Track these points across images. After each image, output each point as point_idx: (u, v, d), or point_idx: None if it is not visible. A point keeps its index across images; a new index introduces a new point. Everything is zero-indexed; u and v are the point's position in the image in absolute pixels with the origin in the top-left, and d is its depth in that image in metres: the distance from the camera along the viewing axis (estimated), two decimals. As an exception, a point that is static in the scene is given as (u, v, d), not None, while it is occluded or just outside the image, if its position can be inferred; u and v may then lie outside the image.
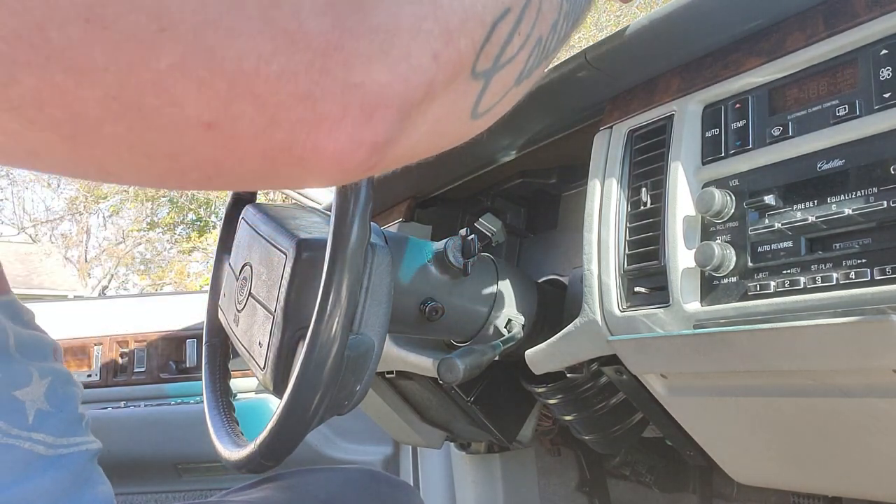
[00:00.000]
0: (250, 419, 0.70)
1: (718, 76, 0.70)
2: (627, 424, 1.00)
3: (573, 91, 0.84)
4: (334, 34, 0.25)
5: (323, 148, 0.27)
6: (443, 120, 0.32)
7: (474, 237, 0.80)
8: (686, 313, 0.67)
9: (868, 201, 0.56)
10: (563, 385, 0.95)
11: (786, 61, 0.65)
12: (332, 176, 0.29)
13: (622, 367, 0.76)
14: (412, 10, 0.27)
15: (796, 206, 0.61)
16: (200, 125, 0.24)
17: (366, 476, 0.87)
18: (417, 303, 0.78)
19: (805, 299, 0.58)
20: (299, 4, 0.24)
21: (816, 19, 0.62)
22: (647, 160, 0.75)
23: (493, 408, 1.13)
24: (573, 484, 1.52)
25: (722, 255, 0.64)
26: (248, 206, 0.76)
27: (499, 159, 1.07)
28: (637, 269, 0.73)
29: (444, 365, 0.76)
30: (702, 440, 0.76)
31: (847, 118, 0.58)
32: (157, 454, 1.81)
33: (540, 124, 0.95)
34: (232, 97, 0.24)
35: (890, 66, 0.56)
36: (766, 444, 0.69)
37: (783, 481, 0.73)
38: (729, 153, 0.68)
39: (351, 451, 1.88)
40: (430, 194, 1.22)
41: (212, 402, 0.76)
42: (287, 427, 0.56)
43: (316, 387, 0.55)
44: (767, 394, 0.64)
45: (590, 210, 0.79)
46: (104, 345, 1.90)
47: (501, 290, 0.88)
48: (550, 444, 1.44)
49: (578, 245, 0.80)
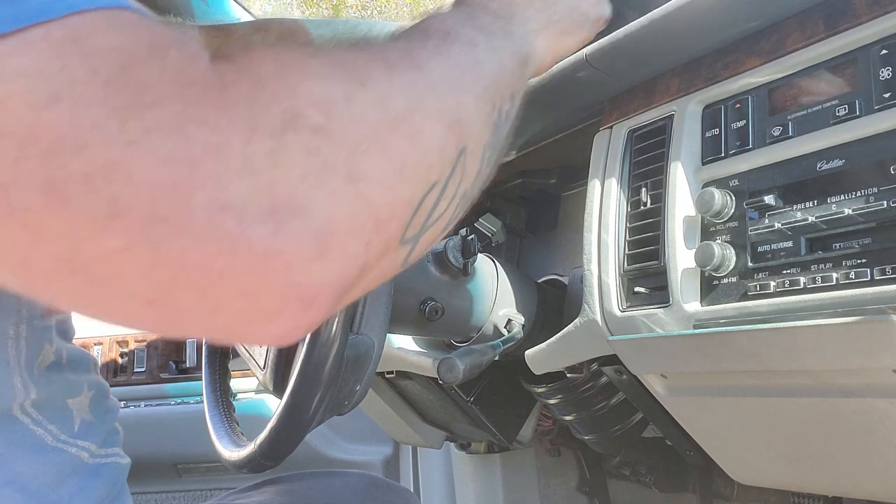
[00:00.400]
0: (250, 419, 0.70)
1: (718, 76, 0.70)
2: (627, 424, 1.00)
3: (573, 91, 0.84)
4: (276, 240, 0.26)
5: (262, 333, 0.29)
6: (375, 279, 0.35)
7: (474, 237, 0.80)
8: (686, 313, 0.67)
9: (868, 201, 0.56)
10: (562, 385, 0.95)
11: (786, 61, 0.65)
12: (271, 344, 0.31)
13: (622, 367, 0.76)
14: (348, 211, 0.29)
15: (796, 206, 0.61)
16: (144, 301, 0.26)
17: (365, 481, 0.87)
18: (417, 303, 0.78)
19: (805, 299, 0.58)
20: (244, 209, 0.26)
21: (816, 19, 0.62)
22: (647, 160, 0.75)
23: (493, 408, 1.13)
24: (573, 484, 1.52)
25: (722, 255, 0.64)
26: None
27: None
28: (637, 269, 0.73)
29: (444, 365, 0.76)
30: (702, 440, 0.76)
31: (847, 118, 0.58)
32: (157, 454, 1.81)
33: (540, 124, 0.95)
34: (174, 285, 0.26)
35: (890, 66, 0.56)
36: (766, 444, 0.69)
37: (783, 481, 0.73)
38: (729, 153, 0.68)
39: (351, 451, 1.87)
40: (430, 194, 1.21)
41: (212, 402, 0.76)
42: (287, 427, 0.56)
43: (316, 387, 0.55)
44: (767, 394, 0.64)
45: (590, 210, 0.79)
46: (104, 345, 1.90)
47: (501, 290, 0.88)
48: (550, 444, 1.44)
49: (578, 245, 0.79)
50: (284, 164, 0.27)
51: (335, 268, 0.29)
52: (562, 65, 0.82)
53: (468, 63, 0.41)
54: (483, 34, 0.45)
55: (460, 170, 0.37)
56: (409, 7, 8.91)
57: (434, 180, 0.34)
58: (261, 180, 0.26)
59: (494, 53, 0.45)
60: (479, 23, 0.47)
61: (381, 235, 0.31)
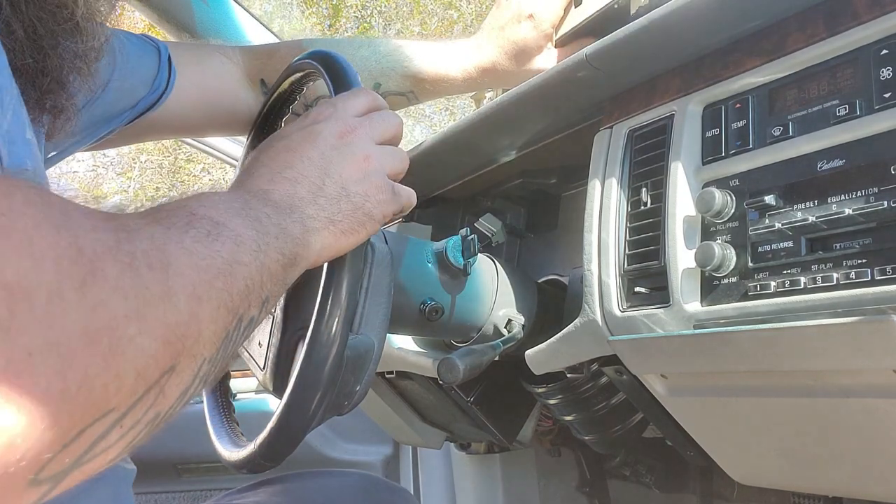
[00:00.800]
0: (250, 419, 0.70)
1: (718, 76, 0.70)
2: (627, 425, 1.00)
3: (573, 91, 0.84)
4: None
5: None
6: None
7: (474, 237, 0.79)
8: (686, 313, 0.67)
9: (868, 201, 0.56)
10: (563, 385, 0.95)
11: (786, 61, 0.65)
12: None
13: (622, 368, 0.76)
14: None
15: (797, 206, 0.61)
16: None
17: (364, 481, 0.87)
18: (417, 303, 0.78)
19: (805, 299, 0.58)
20: None
21: (816, 19, 0.62)
22: (647, 160, 0.75)
23: (493, 408, 1.13)
24: (573, 484, 1.52)
25: (722, 255, 0.64)
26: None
27: (499, 159, 1.06)
28: (637, 269, 0.73)
29: (444, 365, 0.76)
30: (702, 440, 0.76)
31: (847, 118, 0.58)
32: (157, 454, 1.81)
33: (540, 124, 0.95)
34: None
35: (890, 66, 0.56)
36: (767, 444, 0.69)
37: (783, 481, 0.73)
38: (729, 153, 0.68)
39: (351, 451, 1.87)
40: (430, 194, 1.22)
41: (212, 402, 0.76)
42: (286, 427, 0.56)
43: (315, 387, 0.55)
44: (768, 394, 0.64)
45: (590, 210, 0.79)
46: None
47: (501, 290, 0.87)
48: (550, 444, 1.43)
49: (578, 245, 0.79)
50: None
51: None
52: (562, 65, 0.82)
53: (224, 266, 0.38)
54: (253, 230, 0.43)
55: (155, 392, 0.33)
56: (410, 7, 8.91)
57: (111, 406, 0.30)
58: None
59: (259, 255, 0.42)
60: (253, 215, 0.44)
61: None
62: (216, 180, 8.73)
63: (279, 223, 0.46)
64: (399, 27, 8.84)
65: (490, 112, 0.92)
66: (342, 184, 0.53)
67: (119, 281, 0.31)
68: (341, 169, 0.53)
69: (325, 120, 0.56)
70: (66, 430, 0.28)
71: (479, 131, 0.97)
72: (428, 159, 1.07)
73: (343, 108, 0.57)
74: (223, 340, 0.38)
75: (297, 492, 0.82)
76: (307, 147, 0.53)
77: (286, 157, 0.52)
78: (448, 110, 8.28)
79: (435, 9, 8.94)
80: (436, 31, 8.84)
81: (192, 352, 0.35)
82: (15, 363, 0.26)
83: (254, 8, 5.23)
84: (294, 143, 0.53)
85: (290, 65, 0.72)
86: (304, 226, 0.49)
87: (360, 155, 0.55)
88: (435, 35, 8.77)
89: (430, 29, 8.83)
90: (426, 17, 8.88)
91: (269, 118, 0.82)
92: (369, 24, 8.74)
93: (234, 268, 0.39)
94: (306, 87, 0.75)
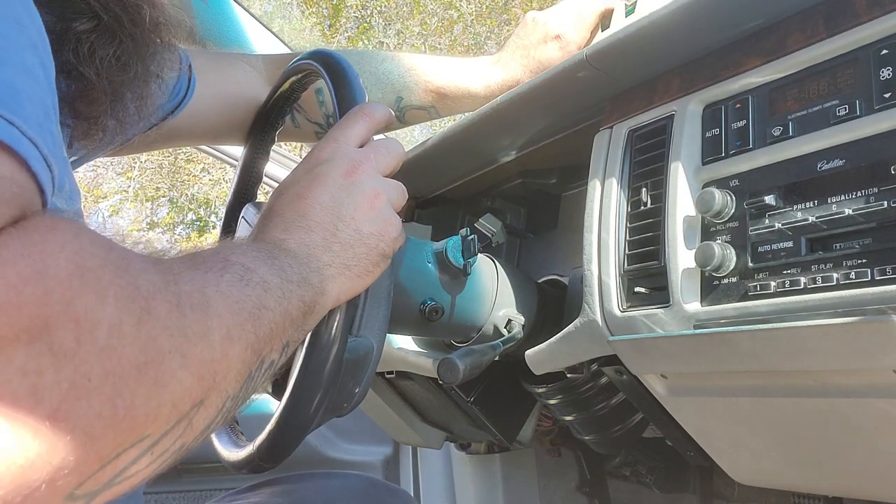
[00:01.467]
0: (250, 419, 0.70)
1: (718, 76, 0.70)
2: (628, 425, 1.00)
3: (573, 91, 0.84)
4: None
5: None
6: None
7: (474, 237, 0.79)
8: (686, 313, 0.67)
9: (868, 201, 0.56)
10: (563, 385, 0.94)
11: (786, 61, 0.65)
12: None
13: (622, 368, 0.76)
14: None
15: (797, 207, 0.61)
16: None
17: (364, 483, 0.87)
18: (417, 303, 0.78)
19: (805, 299, 0.58)
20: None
21: (816, 19, 0.62)
22: (647, 160, 0.75)
23: (493, 408, 1.13)
24: (573, 484, 1.52)
25: (722, 256, 0.64)
26: (249, 204, 0.76)
27: (499, 159, 1.06)
28: (637, 269, 0.73)
29: (444, 365, 0.76)
30: (702, 440, 0.76)
31: (847, 118, 0.58)
32: (156, 454, 1.80)
33: (540, 124, 0.95)
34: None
35: (890, 66, 0.56)
36: (767, 444, 0.69)
37: (783, 481, 0.73)
38: (729, 153, 0.68)
39: (351, 451, 1.87)
40: (430, 194, 1.22)
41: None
42: (286, 429, 0.56)
43: (314, 390, 0.55)
44: (768, 394, 0.64)
45: (590, 210, 0.79)
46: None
47: (501, 290, 0.87)
48: (550, 444, 1.43)
49: (578, 245, 0.79)
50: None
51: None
52: (562, 65, 0.82)
53: (254, 309, 0.41)
54: (278, 277, 0.45)
55: (185, 424, 0.35)
56: (410, 7, 8.91)
57: (147, 433, 0.33)
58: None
59: (283, 301, 0.44)
60: (277, 264, 0.46)
61: (31, 487, 0.28)
62: (216, 180, 8.72)
63: (300, 273, 0.48)
64: (399, 27, 8.84)
65: (490, 112, 0.92)
66: (355, 226, 0.54)
67: (168, 320, 0.33)
68: (353, 211, 0.54)
69: (329, 160, 0.56)
70: (108, 452, 0.31)
71: (479, 131, 0.97)
72: (428, 159, 1.07)
73: (345, 142, 0.58)
74: (246, 379, 0.41)
75: (297, 493, 0.82)
76: (317, 192, 0.53)
77: (298, 206, 0.53)
78: (448, 110, 8.26)
79: (435, 9, 8.94)
80: (436, 30, 8.83)
81: (221, 388, 0.38)
82: (76, 388, 0.28)
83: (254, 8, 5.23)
84: (304, 190, 0.54)
85: (291, 65, 0.72)
86: (321, 274, 0.50)
87: (371, 193, 0.55)
88: (434, 34, 8.76)
89: (430, 29, 8.83)
90: (426, 17, 8.87)
91: (270, 118, 0.82)
92: (369, 24, 8.74)
93: (262, 312, 0.42)
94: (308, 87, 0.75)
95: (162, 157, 8.69)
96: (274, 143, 0.84)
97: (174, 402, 0.33)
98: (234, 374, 0.39)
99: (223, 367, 0.37)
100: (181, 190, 9.08)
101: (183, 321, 0.34)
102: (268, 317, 0.42)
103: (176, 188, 9.07)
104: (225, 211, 0.85)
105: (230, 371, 0.38)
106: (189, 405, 0.35)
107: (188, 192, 9.09)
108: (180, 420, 0.34)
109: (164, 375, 0.32)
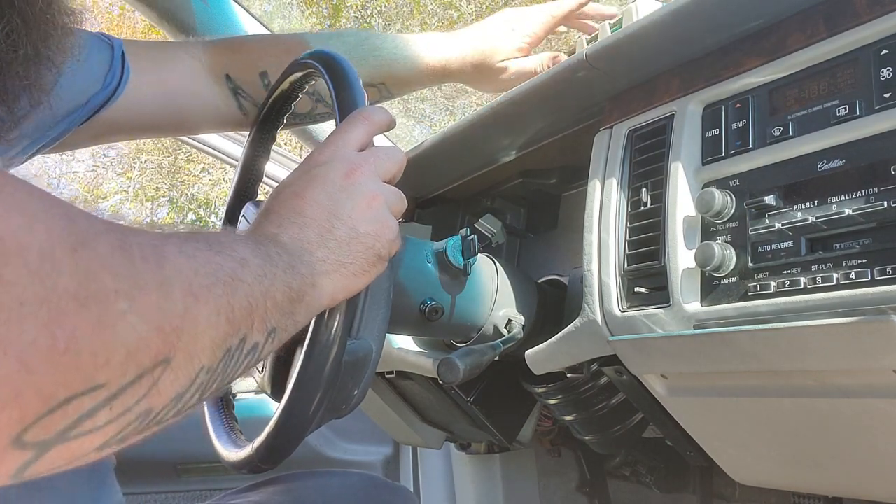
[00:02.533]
0: (250, 419, 0.70)
1: (718, 76, 0.70)
2: (628, 425, 1.00)
3: (573, 91, 0.84)
4: None
5: None
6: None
7: (474, 237, 0.79)
8: (686, 313, 0.67)
9: (868, 201, 0.56)
10: (563, 385, 0.94)
11: (786, 61, 0.65)
12: None
13: (622, 368, 0.76)
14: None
15: (797, 207, 0.61)
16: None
17: (364, 481, 0.87)
18: (417, 303, 0.78)
19: (805, 299, 0.58)
20: None
21: (817, 19, 0.62)
22: (647, 160, 0.75)
23: (493, 408, 1.13)
24: (573, 484, 1.52)
25: (722, 256, 0.64)
26: (249, 203, 0.76)
27: (499, 159, 1.06)
28: (637, 269, 0.73)
29: (444, 365, 0.76)
30: (702, 440, 0.76)
31: (847, 118, 0.58)
32: (156, 454, 1.80)
33: (540, 124, 0.95)
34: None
35: (890, 66, 0.56)
36: (767, 444, 0.69)
37: (783, 481, 0.73)
38: (729, 153, 0.68)
39: (351, 451, 1.87)
40: (430, 194, 1.22)
41: (211, 402, 0.76)
42: (285, 431, 0.56)
43: (314, 392, 0.55)
44: (768, 394, 0.64)
45: (590, 210, 0.79)
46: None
47: (501, 290, 0.87)
48: (550, 444, 1.44)
49: (578, 245, 0.79)
50: None
51: None
52: (562, 65, 0.82)
53: (225, 278, 0.38)
54: (260, 259, 0.43)
55: (148, 382, 0.33)
56: (410, 7, 8.92)
57: (100, 382, 0.30)
58: None
59: (263, 280, 0.42)
60: (263, 250, 0.45)
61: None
62: (216, 180, 8.72)
63: (289, 262, 0.47)
64: (399, 27, 8.84)
65: (490, 112, 0.92)
66: (352, 225, 0.53)
67: (110, 259, 0.31)
68: (350, 210, 0.54)
69: (328, 161, 0.56)
70: (52, 392, 0.28)
71: (479, 131, 0.97)
72: (428, 159, 1.07)
73: (344, 146, 0.57)
74: (224, 354, 0.39)
75: (297, 492, 0.82)
76: (315, 191, 0.53)
77: (294, 204, 0.52)
78: (448, 110, 8.28)
79: (435, 9, 8.94)
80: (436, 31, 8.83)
81: (189, 350, 0.35)
82: (6, 310, 0.26)
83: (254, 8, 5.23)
84: (301, 189, 0.54)
85: (292, 64, 0.72)
86: (315, 268, 0.50)
87: (369, 194, 0.55)
88: (435, 35, 8.74)
89: (431, 29, 8.83)
90: (426, 17, 8.88)
91: (270, 117, 0.82)
92: (369, 24, 8.74)
93: (236, 283, 0.40)
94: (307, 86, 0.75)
95: (162, 156, 8.70)
96: (275, 142, 0.84)
97: (128, 348, 0.31)
98: (206, 340, 0.36)
99: (188, 325, 0.35)
100: (181, 190, 9.08)
101: (130, 266, 0.32)
102: (243, 289, 0.40)
103: (176, 188, 9.07)
104: (225, 209, 0.85)
105: (199, 334, 0.36)
106: (149, 359, 0.32)
107: (188, 192, 9.09)
108: (141, 375, 0.32)
109: (109, 314, 0.30)
